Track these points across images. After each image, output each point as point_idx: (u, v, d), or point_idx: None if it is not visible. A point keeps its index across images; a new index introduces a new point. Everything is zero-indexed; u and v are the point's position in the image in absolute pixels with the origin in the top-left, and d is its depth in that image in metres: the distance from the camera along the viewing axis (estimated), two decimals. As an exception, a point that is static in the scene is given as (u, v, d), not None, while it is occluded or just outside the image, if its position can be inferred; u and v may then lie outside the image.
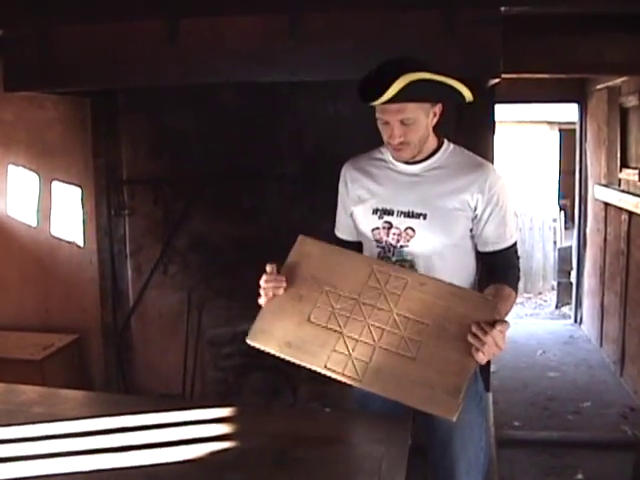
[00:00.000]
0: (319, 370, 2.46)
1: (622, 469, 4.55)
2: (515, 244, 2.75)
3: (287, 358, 2.51)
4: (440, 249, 2.67)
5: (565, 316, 9.19)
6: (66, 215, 5.11)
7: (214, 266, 4.88)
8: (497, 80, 3.79)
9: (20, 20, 3.88)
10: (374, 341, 2.46)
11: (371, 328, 2.49)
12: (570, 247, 9.40)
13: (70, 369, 5.03)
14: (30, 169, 5.10)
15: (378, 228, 2.72)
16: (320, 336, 2.50)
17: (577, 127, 8.05)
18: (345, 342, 2.48)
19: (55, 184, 5.08)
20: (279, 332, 2.56)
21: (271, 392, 4.84)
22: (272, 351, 2.54)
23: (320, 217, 4.66)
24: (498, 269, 2.72)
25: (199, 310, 4.92)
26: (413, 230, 2.65)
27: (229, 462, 2.33)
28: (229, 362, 4.89)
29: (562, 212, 11.68)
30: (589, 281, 8.05)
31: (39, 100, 4.95)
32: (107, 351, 5.14)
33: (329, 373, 2.45)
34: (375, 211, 2.73)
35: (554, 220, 11.17)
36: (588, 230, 8.08)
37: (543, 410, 5.90)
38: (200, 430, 2.55)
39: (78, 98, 4.85)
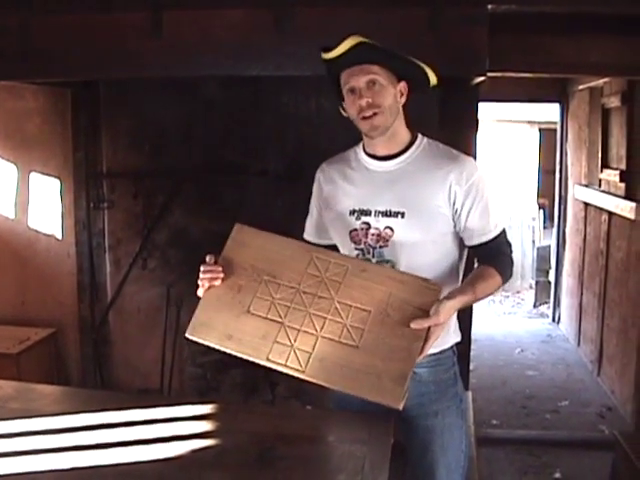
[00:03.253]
0: (261, 362, 2.41)
1: (599, 468, 4.58)
2: (503, 233, 2.69)
3: (229, 351, 2.45)
4: (420, 247, 2.62)
5: (543, 315, 9.22)
6: (44, 207, 5.05)
7: (194, 261, 4.77)
8: (482, 79, 3.77)
9: (1, 9, 3.82)
10: (316, 331, 2.41)
11: (313, 317, 2.44)
12: (549, 246, 9.43)
13: (46, 363, 4.98)
14: (8, 160, 5.04)
15: (356, 230, 2.67)
16: (261, 327, 2.45)
17: (558, 127, 8.06)
18: (287, 333, 2.43)
19: (33, 176, 5.02)
20: (219, 325, 2.49)
21: (250, 388, 4.82)
22: (213, 344, 2.47)
23: (302, 213, 4.64)
24: (488, 259, 2.64)
25: (178, 305, 4.88)
26: (392, 229, 2.60)
27: (208, 461, 2.30)
28: (207, 358, 4.85)
29: (541, 211, 11.71)
30: (568, 281, 8.08)
31: (18, 90, 4.89)
32: (84, 346, 5.09)
33: (272, 365, 2.41)
34: (352, 212, 2.69)
35: (533, 219, 11.19)
36: (567, 230, 8.10)
37: (521, 409, 5.92)
38: (178, 428, 2.52)
39: (58, 89, 4.79)
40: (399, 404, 2.24)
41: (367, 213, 2.66)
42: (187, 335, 2.52)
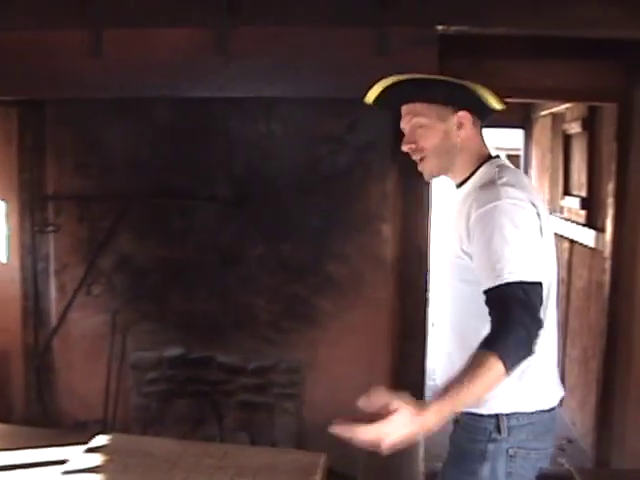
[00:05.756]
0: None
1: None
2: (519, 285, 2.06)
3: None
4: (450, 293, 2.41)
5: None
6: (-12, 230, 4.88)
7: (140, 288, 4.70)
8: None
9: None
10: None
11: None
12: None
13: (-12, 391, 4.80)
14: (-49, 181, 4.87)
15: None
16: None
17: (522, 153, 7.98)
18: None
19: (-23, 197, 4.86)
20: None
21: (196, 420, 4.65)
22: None
23: (251, 240, 4.58)
24: (492, 320, 2.09)
25: (123, 333, 4.72)
26: None
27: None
28: (153, 388, 4.70)
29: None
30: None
31: (-38, 110, 4.74)
32: (28, 373, 4.92)
33: None
34: None
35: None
36: (531, 257, 7.99)
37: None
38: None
39: (4, 108, 4.65)
40: None
41: None
42: None
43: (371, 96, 2.45)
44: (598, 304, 5.17)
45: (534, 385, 2.31)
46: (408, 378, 4.49)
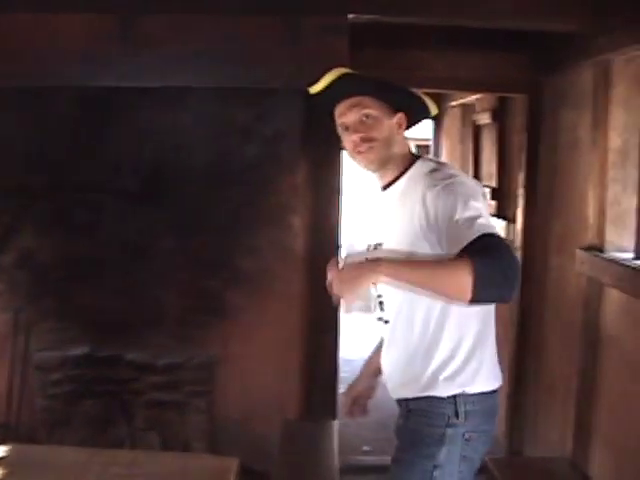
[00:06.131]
0: None
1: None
2: (496, 236, 2.15)
3: None
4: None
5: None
6: None
7: (44, 285, 4.51)
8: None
9: None
10: None
11: None
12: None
13: None
14: None
15: None
16: None
17: (431, 144, 8.01)
18: None
19: None
20: None
21: (104, 421, 4.49)
22: None
23: (160, 234, 4.46)
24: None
25: (26, 332, 4.52)
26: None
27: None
28: (59, 389, 4.50)
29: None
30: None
31: None
32: None
33: None
34: (368, 247, 2.59)
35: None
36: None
37: (394, 432, 5.75)
38: None
39: None
40: None
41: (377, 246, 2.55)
42: None
43: (319, 86, 2.44)
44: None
45: (485, 365, 2.44)
46: (321, 372, 4.46)
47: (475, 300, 2.06)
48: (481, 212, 2.19)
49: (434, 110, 2.57)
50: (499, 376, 2.54)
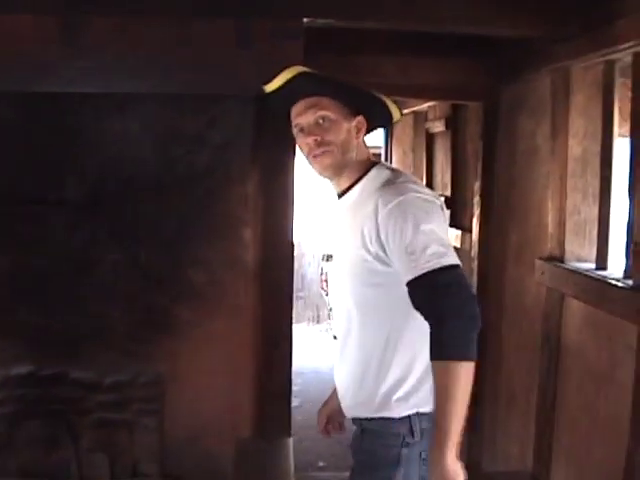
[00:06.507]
0: None
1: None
2: (439, 271, 2.08)
3: None
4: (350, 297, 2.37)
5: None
6: None
7: (-15, 303, 4.33)
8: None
9: None
10: None
11: None
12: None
13: None
14: None
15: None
16: None
17: (382, 152, 7.95)
18: None
19: None
20: None
21: (49, 442, 4.31)
22: None
23: (105, 246, 4.29)
24: (424, 316, 2.12)
25: (-30, 352, 4.34)
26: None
27: None
28: (0, 410, 4.31)
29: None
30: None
31: None
32: None
33: None
34: (323, 257, 2.50)
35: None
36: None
37: (350, 448, 5.64)
38: None
39: None
40: None
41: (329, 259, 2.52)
42: None
43: (275, 84, 2.36)
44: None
45: None
46: (273, 387, 4.34)
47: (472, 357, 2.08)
48: (433, 236, 2.13)
49: (397, 115, 2.45)
50: None
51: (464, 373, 2.06)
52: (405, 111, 6.76)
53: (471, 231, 5.08)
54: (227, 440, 4.18)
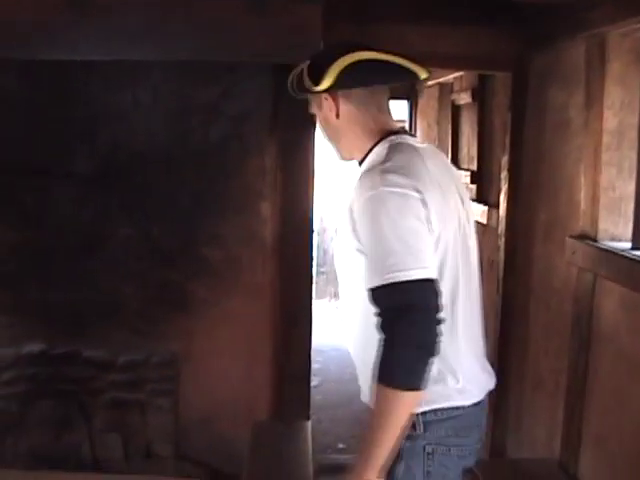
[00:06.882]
0: None
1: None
2: (399, 285, 1.95)
3: None
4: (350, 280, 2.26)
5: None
6: None
7: (-12, 276, 4.25)
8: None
9: None
10: None
11: None
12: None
13: None
14: None
15: None
16: None
17: (406, 125, 7.80)
18: None
19: None
20: None
21: (61, 423, 4.24)
22: None
23: (116, 221, 4.18)
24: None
25: (-21, 329, 4.27)
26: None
27: None
28: (12, 389, 4.26)
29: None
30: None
31: None
32: None
33: None
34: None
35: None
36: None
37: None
38: None
39: None
40: None
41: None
42: None
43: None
44: (492, 284, 4.97)
45: (450, 381, 2.18)
46: (292, 367, 4.25)
47: (418, 386, 1.96)
48: (398, 243, 1.97)
49: (396, 60, 2.31)
50: (480, 386, 2.30)
51: (404, 403, 1.97)
52: (429, 82, 6.59)
53: (498, 207, 4.91)
54: (243, 423, 4.10)
